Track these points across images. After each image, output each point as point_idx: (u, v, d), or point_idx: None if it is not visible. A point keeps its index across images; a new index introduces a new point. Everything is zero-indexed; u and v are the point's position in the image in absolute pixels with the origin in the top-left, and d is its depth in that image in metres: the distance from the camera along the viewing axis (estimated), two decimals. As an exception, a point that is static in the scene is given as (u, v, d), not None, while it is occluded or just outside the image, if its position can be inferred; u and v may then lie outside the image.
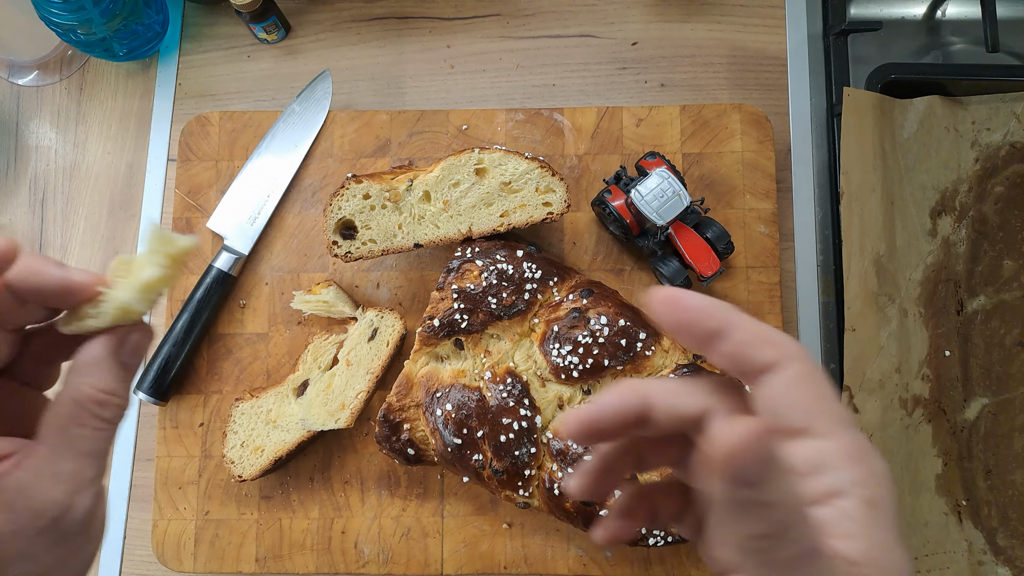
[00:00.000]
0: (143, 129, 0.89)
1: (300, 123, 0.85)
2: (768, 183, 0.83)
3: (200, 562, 0.77)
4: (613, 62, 0.89)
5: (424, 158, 0.84)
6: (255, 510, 0.78)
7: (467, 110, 0.85)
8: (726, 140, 0.83)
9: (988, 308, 0.80)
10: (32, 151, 0.89)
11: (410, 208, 0.74)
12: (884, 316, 0.76)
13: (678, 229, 0.75)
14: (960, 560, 0.74)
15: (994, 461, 0.77)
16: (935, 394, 0.77)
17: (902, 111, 0.80)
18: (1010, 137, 0.82)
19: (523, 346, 0.72)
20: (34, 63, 0.91)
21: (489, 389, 0.69)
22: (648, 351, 0.70)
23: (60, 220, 0.87)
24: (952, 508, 0.75)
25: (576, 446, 0.67)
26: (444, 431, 0.68)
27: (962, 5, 0.92)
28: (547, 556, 0.76)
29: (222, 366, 0.81)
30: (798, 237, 0.84)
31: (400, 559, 0.77)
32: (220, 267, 0.80)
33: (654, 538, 0.67)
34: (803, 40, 0.88)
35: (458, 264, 0.72)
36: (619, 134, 0.84)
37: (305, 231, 0.84)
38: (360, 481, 0.79)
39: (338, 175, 0.84)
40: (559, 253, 0.82)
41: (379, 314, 0.77)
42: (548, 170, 0.74)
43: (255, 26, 0.86)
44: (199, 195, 0.84)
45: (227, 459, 0.75)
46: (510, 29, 0.90)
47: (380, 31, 0.91)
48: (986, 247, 0.81)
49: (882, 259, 0.76)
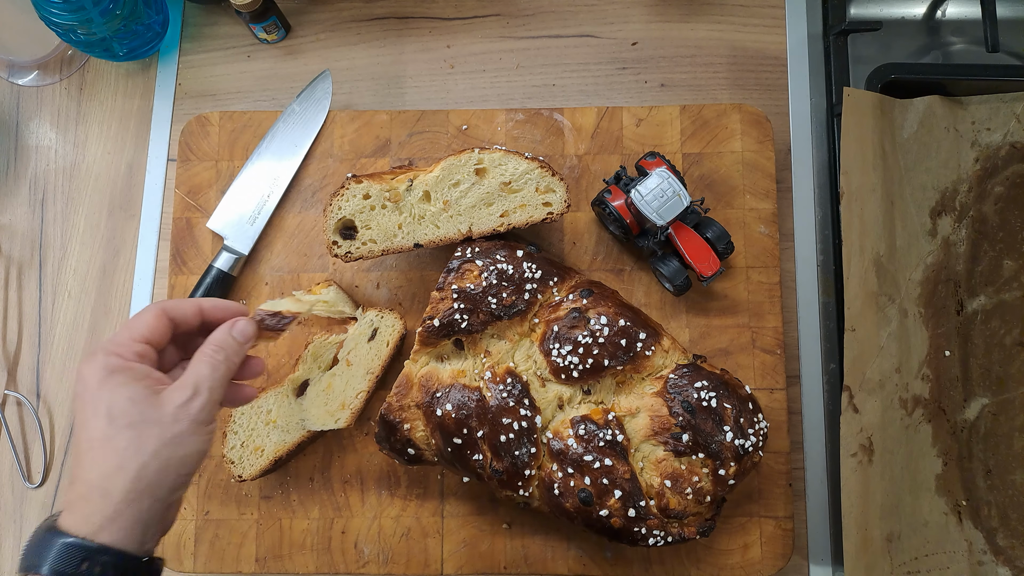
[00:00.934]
0: (143, 129, 0.89)
1: (300, 123, 0.85)
2: (768, 183, 0.83)
3: (200, 562, 0.77)
4: (613, 62, 0.89)
5: (424, 158, 0.84)
6: (255, 510, 0.78)
7: (467, 110, 0.85)
8: (726, 140, 0.83)
9: (988, 308, 0.80)
10: (32, 151, 0.89)
11: (410, 208, 0.74)
12: (884, 316, 0.76)
13: (678, 229, 0.75)
14: (960, 560, 0.74)
15: (994, 461, 0.77)
16: (935, 394, 0.77)
17: (902, 111, 0.80)
18: (1010, 137, 0.82)
19: (523, 346, 0.72)
20: (34, 63, 0.91)
21: (489, 389, 0.69)
22: (648, 351, 0.70)
23: (60, 220, 0.87)
24: (952, 508, 0.75)
25: (576, 446, 0.67)
26: (444, 431, 0.68)
27: (962, 5, 0.92)
28: (547, 556, 0.76)
29: (222, 366, 0.81)
30: (798, 237, 0.84)
31: (400, 559, 0.77)
32: (220, 267, 0.80)
33: (654, 538, 0.67)
34: (803, 40, 0.88)
35: (458, 264, 0.72)
36: (619, 134, 0.84)
37: (305, 231, 0.84)
38: (360, 481, 0.79)
39: (338, 175, 0.84)
40: (559, 253, 0.82)
41: (379, 314, 0.77)
42: (548, 170, 0.74)
43: (255, 26, 0.86)
44: (199, 195, 0.84)
45: (227, 459, 0.75)
46: (510, 29, 0.90)
47: (380, 31, 0.91)
48: (986, 247, 0.81)
49: (882, 259, 0.76)
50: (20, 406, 0.84)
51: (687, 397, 0.68)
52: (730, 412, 0.68)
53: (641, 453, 0.69)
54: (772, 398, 0.79)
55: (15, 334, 0.85)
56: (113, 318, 0.85)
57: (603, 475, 0.66)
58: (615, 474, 0.66)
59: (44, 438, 0.83)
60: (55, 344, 0.85)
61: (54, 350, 0.85)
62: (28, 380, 0.84)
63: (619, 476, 0.66)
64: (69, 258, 0.87)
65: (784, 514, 0.77)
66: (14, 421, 0.84)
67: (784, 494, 0.77)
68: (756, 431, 0.69)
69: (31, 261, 0.87)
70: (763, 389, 0.79)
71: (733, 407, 0.68)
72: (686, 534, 0.68)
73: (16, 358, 0.85)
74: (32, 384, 0.84)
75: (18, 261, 0.87)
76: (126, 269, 0.86)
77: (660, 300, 0.81)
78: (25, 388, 0.84)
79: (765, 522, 0.76)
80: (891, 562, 0.72)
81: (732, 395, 0.69)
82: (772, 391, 0.79)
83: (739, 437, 0.68)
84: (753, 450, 0.68)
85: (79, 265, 0.86)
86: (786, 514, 0.76)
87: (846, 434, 0.72)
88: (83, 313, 0.85)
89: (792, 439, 0.79)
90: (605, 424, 0.68)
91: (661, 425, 0.68)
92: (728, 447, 0.67)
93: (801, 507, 0.79)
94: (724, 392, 0.69)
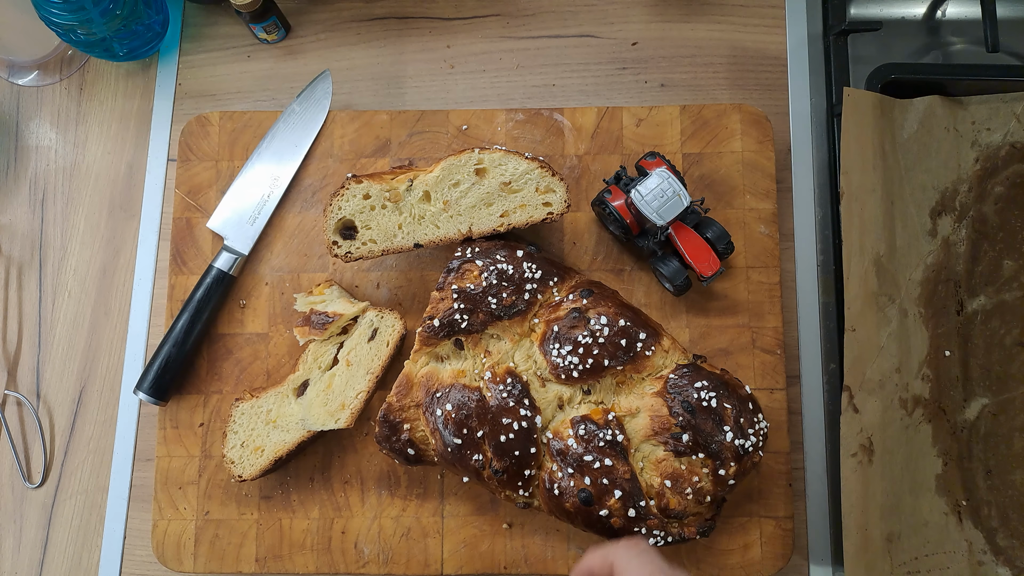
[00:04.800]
0: (143, 129, 0.89)
1: (300, 123, 0.85)
2: (768, 183, 0.83)
3: (200, 562, 0.77)
4: (613, 62, 0.89)
5: (424, 158, 0.84)
6: (255, 510, 0.78)
7: (467, 110, 0.85)
8: (726, 140, 0.83)
9: (988, 308, 0.80)
10: (32, 151, 0.89)
11: (410, 208, 0.74)
12: (884, 316, 0.76)
13: (678, 229, 0.75)
14: (960, 560, 0.74)
15: (994, 461, 0.77)
16: (935, 394, 0.77)
17: (902, 111, 0.80)
18: (1010, 137, 0.82)
19: (523, 346, 0.72)
20: (34, 63, 0.91)
21: (489, 389, 0.69)
22: (648, 351, 0.70)
23: (60, 220, 0.87)
24: (952, 508, 0.75)
25: (576, 446, 0.67)
26: (444, 431, 0.68)
27: (962, 5, 0.92)
28: (547, 556, 0.76)
29: (222, 366, 0.81)
30: (798, 237, 0.84)
31: (400, 559, 0.77)
32: (220, 267, 0.80)
33: (654, 538, 0.67)
34: (803, 40, 0.88)
35: (458, 264, 0.72)
36: (619, 134, 0.84)
37: (305, 231, 0.84)
38: (360, 481, 0.79)
39: (338, 175, 0.84)
40: (559, 253, 0.82)
41: (379, 314, 0.77)
42: (548, 170, 0.74)
43: (255, 26, 0.86)
44: (199, 195, 0.84)
45: (227, 459, 0.75)
46: (510, 29, 0.90)
47: (380, 31, 0.91)
48: (986, 247, 0.81)
49: (882, 259, 0.76)
50: (20, 406, 0.84)
51: (687, 397, 0.68)
52: (730, 412, 0.68)
53: (641, 453, 0.69)
54: (772, 398, 0.79)
55: (15, 334, 0.85)
56: (113, 318, 0.85)
57: (603, 475, 0.66)
58: (615, 474, 0.66)
59: (44, 438, 0.83)
60: (55, 344, 0.85)
61: (54, 350, 0.85)
62: (28, 380, 0.84)
63: (619, 476, 0.66)
64: (69, 258, 0.87)
65: (784, 514, 0.77)
66: (14, 421, 0.84)
67: (784, 494, 0.77)
68: (756, 431, 0.69)
69: (31, 261, 0.87)
70: (763, 389, 0.79)
71: (733, 407, 0.68)
72: (686, 534, 0.68)
73: (16, 358, 0.85)
74: (32, 384, 0.84)
75: (18, 261, 0.87)
76: (126, 269, 0.86)
77: (660, 300, 0.81)
78: (25, 388, 0.84)
79: (765, 522, 0.76)
80: (891, 562, 0.72)
81: (732, 395, 0.69)
82: (772, 391, 0.79)
83: (739, 437, 0.68)
84: (753, 450, 0.68)
85: (79, 265, 0.86)
86: (786, 514, 0.76)
87: (846, 434, 0.72)
88: (83, 313, 0.85)
89: (792, 439, 0.79)
90: (605, 424, 0.68)
91: (661, 425, 0.68)
92: (728, 447, 0.67)
93: (801, 507, 0.79)
94: (724, 392, 0.69)
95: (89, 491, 0.82)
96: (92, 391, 0.84)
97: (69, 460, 0.83)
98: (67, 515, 0.81)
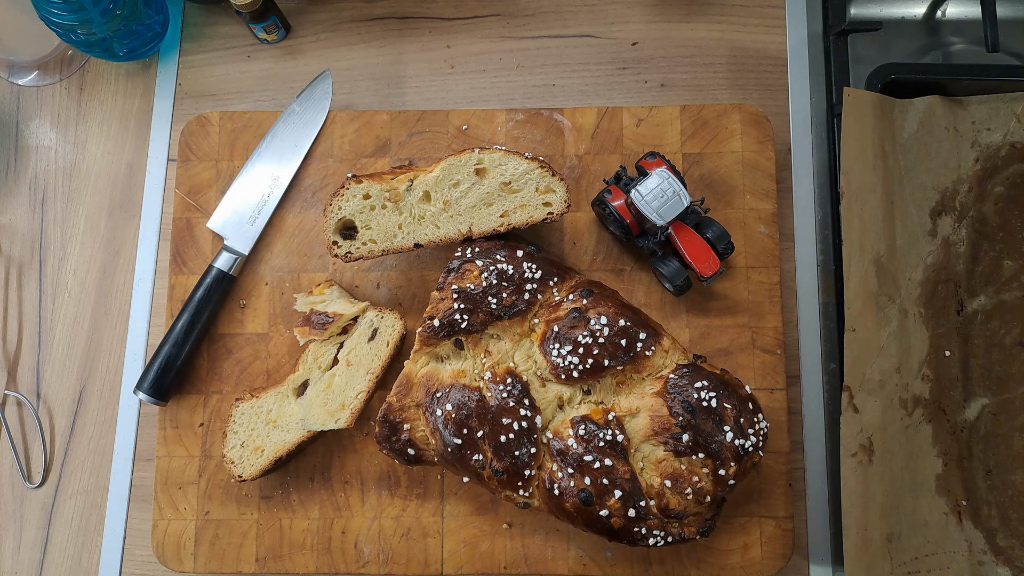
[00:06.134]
0: (143, 129, 0.89)
1: (300, 123, 0.85)
2: (768, 183, 0.83)
3: (200, 562, 0.77)
4: (613, 62, 0.89)
5: (424, 158, 0.84)
6: (255, 510, 0.78)
7: (467, 110, 0.85)
8: (726, 140, 0.83)
9: (988, 308, 0.80)
10: (32, 151, 0.89)
11: (410, 208, 0.74)
12: (884, 316, 0.76)
13: (678, 229, 0.75)
14: (960, 560, 0.74)
15: (994, 461, 0.77)
16: (935, 394, 0.77)
17: (902, 111, 0.80)
18: (1010, 137, 0.82)
19: (523, 346, 0.72)
20: (34, 63, 0.91)
21: (489, 389, 0.69)
22: (648, 351, 0.70)
23: (60, 220, 0.87)
24: (952, 508, 0.75)
25: (576, 446, 0.67)
26: (444, 431, 0.68)
27: (962, 5, 0.92)
28: (547, 556, 0.76)
29: (222, 366, 0.81)
30: (798, 237, 0.84)
31: (400, 559, 0.77)
32: (220, 267, 0.80)
33: (654, 538, 0.67)
34: (803, 40, 0.88)
35: (458, 264, 0.72)
36: (619, 134, 0.84)
37: (305, 231, 0.84)
38: (360, 481, 0.79)
39: (338, 175, 0.84)
40: (559, 253, 0.82)
41: (379, 314, 0.77)
42: (548, 170, 0.74)
43: (255, 26, 0.86)
44: (199, 195, 0.84)
45: (227, 459, 0.75)
46: (510, 29, 0.90)
47: (380, 31, 0.91)
48: (986, 247, 0.81)
49: (882, 259, 0.76)
50: (20, 406, 0.84)
51: (687, 397, 0.68)
52: (730, 412, 0.68)
53: (641, 453, 0.69)
54: (772, 398, 0.79)
55: (15, 334, 0.85)
56: (113, 318, 0.85)
57: (603, 475, 0.66)
58: (615, 474, 0.66)
59: (44, 438, 0.83)
60: (55, 344, 0.85)
61: (54, 350, 0.85)
62: (28, 380, 0.84)
63: (619, 476, 0.66)
64: (69, 258, 0.87)
65: (784, 514, 0.77)
66: (14, 421, 0.84)
67: (784, 494, 0.77)
68: (756, 431, 0.69)
69: (31, 261, 0.87)
70: (763, 389, 0.79)
71: (733, 407, 0.68)
72: (686, 534, 0.68)
73: (16, 358, 0.85)
74: (32, 384, 0.84)
75: (18, 261, 0.87)
76: (126, 269, 0.86)
77: (660, 300, 0.81)
78: (25, 388, 0.84)
79: (765, 522, 0.77)
80: (891, 562, 0.72)
81: (732, 395, 0.69)
82: (772, 391, 0.79)
83: (739, 437, 0.68)
84: (753, 450, 0.68)
85: (79, 265, 0.86)
86: (786, 514, 0.77)
87: (846, 434, 0.72)
88: (83, 313, 0.85)
89: (792, 439, 0.79)
90: (605, 424, 0.68)
91: (661, 425, 0.68)
92: (728, 447, 0.67)
93: (801, 507, 0.79)
94: (724, 392, 0.69)
95: (89, 491, 0.82)
96: (92, 391, 0.84)
97: (69, 460, 0.83)
98: (67, 515, 0.81)
